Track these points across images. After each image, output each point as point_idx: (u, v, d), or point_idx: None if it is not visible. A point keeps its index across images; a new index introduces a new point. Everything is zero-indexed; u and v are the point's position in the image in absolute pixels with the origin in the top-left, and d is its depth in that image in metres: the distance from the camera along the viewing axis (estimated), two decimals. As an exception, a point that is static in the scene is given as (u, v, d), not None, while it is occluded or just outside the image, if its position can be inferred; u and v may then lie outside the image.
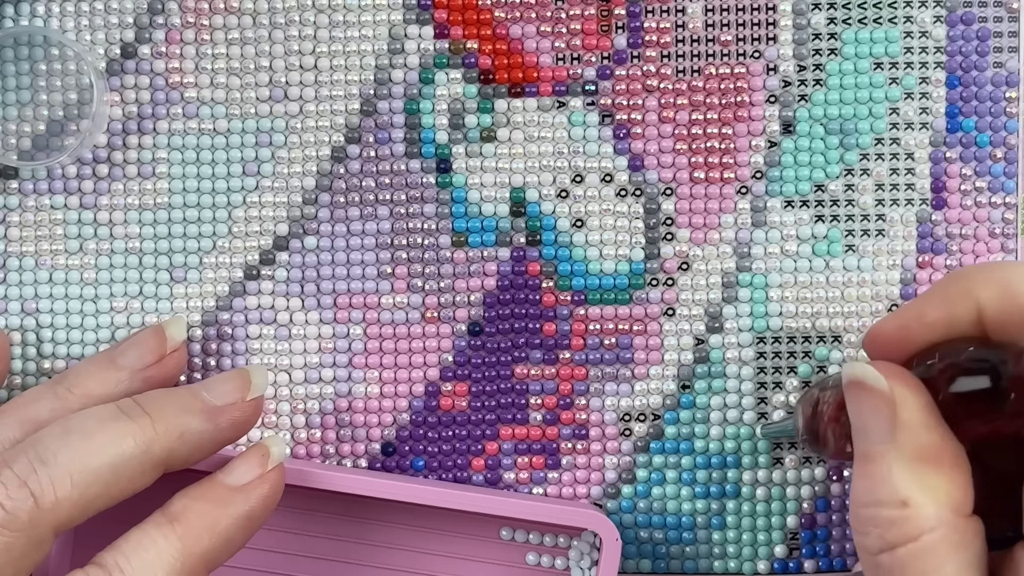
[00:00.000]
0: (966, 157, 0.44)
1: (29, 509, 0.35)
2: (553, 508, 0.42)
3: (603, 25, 0.44)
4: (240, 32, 0.45)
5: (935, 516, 0.31)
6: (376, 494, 0.42)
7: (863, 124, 0.44)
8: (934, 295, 0.33)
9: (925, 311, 0.33)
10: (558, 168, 0.45)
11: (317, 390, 0.45)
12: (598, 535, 0.42)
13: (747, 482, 0.45)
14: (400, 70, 0.45)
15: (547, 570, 0.44)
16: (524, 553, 0.44)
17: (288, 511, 0.44)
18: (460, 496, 0.42)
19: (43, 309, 0.45)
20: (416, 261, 0.45)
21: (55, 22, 0.45)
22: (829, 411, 0.36)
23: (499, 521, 0.44)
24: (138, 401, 0.38)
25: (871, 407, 0.33)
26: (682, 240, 0.45)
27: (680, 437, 0.45)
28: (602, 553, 0.41)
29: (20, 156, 0.45)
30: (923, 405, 0.32)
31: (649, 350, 0.45)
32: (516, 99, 0.45)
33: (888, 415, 0.32)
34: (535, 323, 0.45)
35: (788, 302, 0.44)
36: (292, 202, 0.45)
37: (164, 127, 0.45)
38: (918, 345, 0.33)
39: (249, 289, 0.45)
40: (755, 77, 0.44)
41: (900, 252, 0.44)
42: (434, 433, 0.45)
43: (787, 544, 0.45)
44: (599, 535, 0.42)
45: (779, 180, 0.44)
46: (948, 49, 0.44)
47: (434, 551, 0.44)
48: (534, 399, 0.45)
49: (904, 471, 0.32)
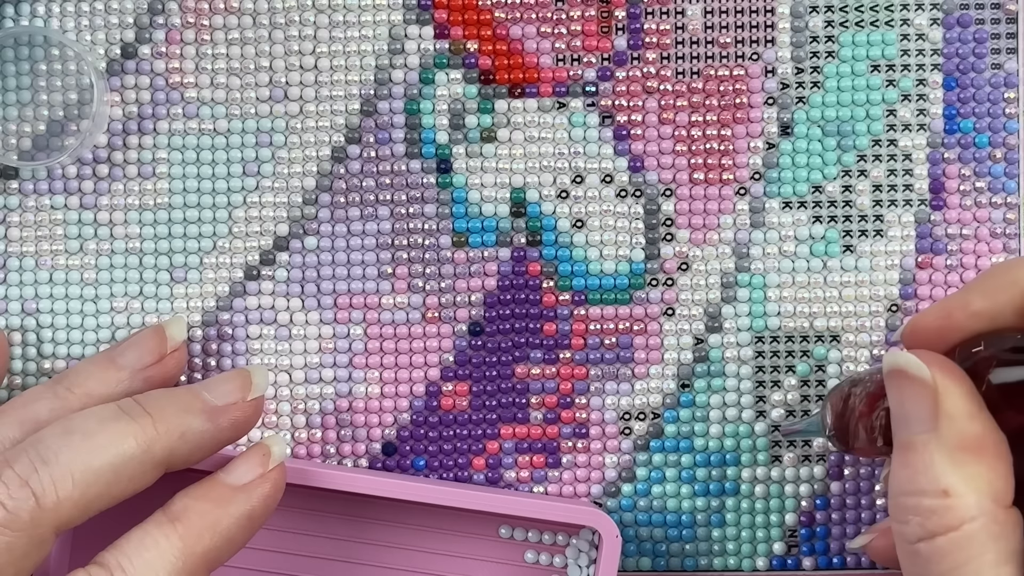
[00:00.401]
0: (965, 158, 0.44)
1: (31, 509, 0.34)
2: (553, 505, 0.42)
3: (603, 26, 0.45)
4: (240, 32, 0.45)
5: (976, 506, 0.31)
6: (376, 492, 0.42)
7: (860, 126, 0.45)
8: (979, 285, 0.33)
9: (970, 301, 0.33)
10: (558, 169, 0.45)
11: (317, 390, 0.45)
12: (597, 532, 0.43)
13: (746, 480, 0.45)
14: (400, 70, 0.45)
15: (545, 567, 0.44)
16: (523, 551, 0.44)
17: (288, 511, 0.44)
18: (459, 494, 0.42)
19: (43, 309, 0.45)
20: (416, 261, 0.45)
21: (55, 22, 0.45)
22: (861, 406, 0.36)
23: (498, 519, 0.44)
24: (139, 401, 0.38)
25: (913, 395, 0.33)
26: (682, 240, 0.45)
27: (680, 436, 0.45)
28: (601, 550, 0.42)
29: (20, 156, 0.45)
30: (966, 394, 0.32)
31: (649, 350, 0.45)
32: (516, 100, 0.45)
33: (930, 404, 0.32)
34: (535, 323, 0.45)
35: (786, 302, 0.45)
36: (292, 202, 0.45)
37: (164, 127, 0.45)
38: (961, 336, 0.33)
39: (249, 289, 0.45)
40: (754, 79, 0.45)
41: (898, 252, 0.45)
42: (435, 433, 0.45)
43: (786, 541, 0.45)
44: (599, 532, 0.42)
45: (777, 181, 0.45)
46: (945, 51, 0.44)
47: (433, 550, 0.44)
48: (534, 398, 0.45)
49: (946, 460, 0.32)
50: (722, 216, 0.45)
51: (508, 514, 0.43)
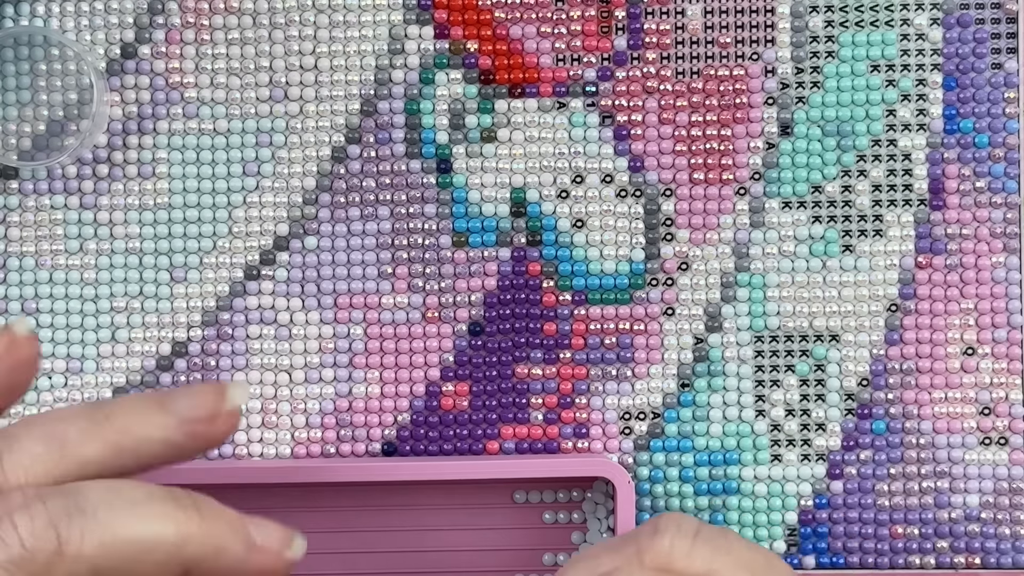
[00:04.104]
0: (965, 158, 0.45)
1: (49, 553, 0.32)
2: (563, 461, 0.44)
3: (603, 26, 0.45)
4: (240, 32, 0.45)
5: None
6: (379, 478, 0.43)
7: (860, 126, 0.45)
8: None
9: None
10: (558, 168, 0.45)
11: (317, 390, 0.45)
12: (610, 483, 0.43)
13: (747, 479, 0.45)
14: (400, 70, 0.45)
15: (565, 525, 0.45)
16: (540, 513, 0.45)
17: (303, 511, 0.45)
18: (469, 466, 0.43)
19: (43, 309, 0.45)
20: (416, 261, 0.45)
21: (55, 22, 0.45)
22: None
23: (511, 485, 0.45)
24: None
25: None
26: (682, 240, 0.45)
27: (680, 435, 0.45)
28: (617, 499, 0.42)
29: (20, 156, 0.45)
30: None
31: (649, 349, 0.45)
32: (516, 99, 0.45)
33: None
34: (536, 323, 0.45)
35: (786, 302, 0.45)
36: (292, 202, 0.45)
37: (164, 127, 0.45)
38: None
39: (249, 289, 0.45)
40: (754, 79, 0.45)
41: (898, 252, 0.45)
42: (435, 433, 0.45)
43: (786, 540, 0.45)
44: (611, 482, 0.43)
45: (777, 181, 0.45)
46: (945, 51, 0.44)
47: (452, 526, 0.45)
48: (535, 398, 0.45)
49: None
50: (722, 216, 0.45)
51: (520, 478, 0.44)
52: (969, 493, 0.44)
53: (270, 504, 0.44)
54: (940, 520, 0.44)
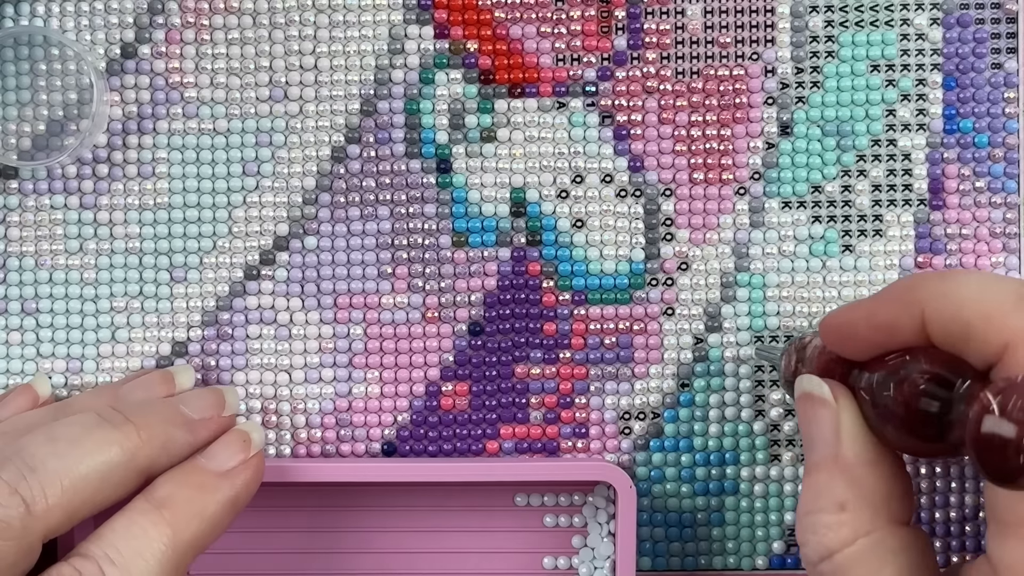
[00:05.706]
0: (965, 158, 0.44)
1: (21, 516, 0.34)
2: (565, 465, 0.44)
3: (603, 26, 0.45)
4: (240, 32, 0.45)
5: (871, 521, 0.32)
6: (379, 479, 0.43)
7: (860, 126, 0.45)
8: (885, 299, 0.34)
9: (874, 313, 0.34)
10: (558, 168, 0.45)
11: (317, 390, 0.45)
12: (611, 487, 0.43)
13: (745, 479, 0.45)
14: (400, 70, 0.45)
15: (566, 529, 0.45)
16: (541, 516, 0.45)
17: (299, 510, 0.45)
18: (471, 468, 0.44)
19: (43, 309, 0.45)
20: (416, 261, 0.45)
21: (55, 22, 0.45)
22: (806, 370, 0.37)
23: (512, 488, 0.45)
24: (120, 409, 0.38)
25: (817, 417, 0.34)
26: (681, 240, 0.45)
27: (679, 435, 0.45)
28: (618, 503, 0.42)
29: (20, 156, 0.45)
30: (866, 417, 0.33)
31: (649, 349, 0.45)
32: (516, 99, 0.45)
33: (832, 426, 0.33)
34: (535, 323, 0.45)
35: (786, 302, 0.45)
36: (292, 202, 0.45)
37: (164, 127, 0.45)
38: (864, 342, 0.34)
39: (249, 289, 0.45)
40: (753, 79, 0.45)
41: (898, 252, 0.45)
42: (435, 433, 0.45)
43: (785, 540, 0.45)
44: (613, 486, 0.43)
45: (777, 181, 0.45)
46: (945, 51, 0.44)
47: (451, 527, 0.45)
48: (534, 398, 0.45)
49: (844, 478, 0.33)
50: (722, 216, 0.45)
51: (521, 481, 0.44)
52: (968, 493, 0.44)
53: (269, 504, 0.44)
54: (938, 520, 0.44)
